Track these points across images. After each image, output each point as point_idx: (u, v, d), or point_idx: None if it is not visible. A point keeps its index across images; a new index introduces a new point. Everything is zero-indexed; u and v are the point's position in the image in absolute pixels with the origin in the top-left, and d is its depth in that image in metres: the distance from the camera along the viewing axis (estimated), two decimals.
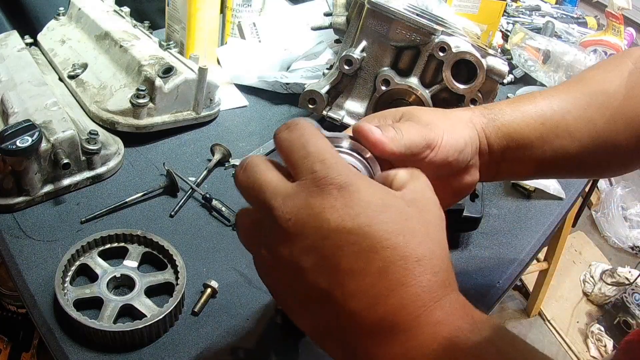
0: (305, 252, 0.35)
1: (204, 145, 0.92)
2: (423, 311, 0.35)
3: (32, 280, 0.66)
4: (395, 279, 0.35)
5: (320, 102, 0.73)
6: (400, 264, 0.35)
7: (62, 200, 0.78)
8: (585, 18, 1.61)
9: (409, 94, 0.72)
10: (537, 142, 0.53)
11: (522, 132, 0.53)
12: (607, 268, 2.33)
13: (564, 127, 0.54)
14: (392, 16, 0.70)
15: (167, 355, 0.61)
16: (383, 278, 0.35)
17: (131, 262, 0.69)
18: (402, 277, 0.35)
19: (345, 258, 0.35)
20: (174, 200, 0.81)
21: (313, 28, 1.04)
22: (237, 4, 1.15)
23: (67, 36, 1.05)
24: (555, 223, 0.90)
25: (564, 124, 0.54)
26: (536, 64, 1.25)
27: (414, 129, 0.47)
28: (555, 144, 0.54)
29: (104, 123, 0.87)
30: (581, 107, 0.55)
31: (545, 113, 0.54)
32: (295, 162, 0.37)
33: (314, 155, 0.37)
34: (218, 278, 0.69)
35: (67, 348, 0.60)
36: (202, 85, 0.91)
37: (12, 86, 0.84)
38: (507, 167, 0.55)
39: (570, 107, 0.55)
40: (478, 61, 0.70)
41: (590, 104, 0.56)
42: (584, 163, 0.57)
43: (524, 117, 0.54)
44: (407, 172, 0.41)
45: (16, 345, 1.33)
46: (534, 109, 0.54)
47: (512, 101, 0.56)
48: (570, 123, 0.54)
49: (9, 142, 0.69)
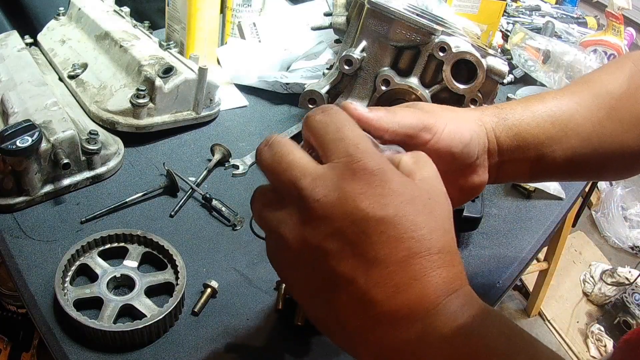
0: (330, 235, 0.35)
1: (204, 145, 0.92)
2: (441, 301, 0.36)
3: (32, 280, 0.66)
4: (417, 269, 0.35)
5: (320, 102, 0.73)
6: (424, 254, 0.35)
7: (62, 200, 0.78)
8: (585, 18, 1.61)
9: (409, 94, 0.72)
10: (547, 141, 0.53)
11: (532, 132, 0.53)
12: (607, 268, 2.32)
13: (573, 127, 0.54)
14: (392, 16, 0.70)
15: (167, 355, 0.61)
16: (406, 268, 0.35)
17: (131, 262, 0.69)
18: (424, 267, 0.35)
19: (371, 246, 0.35)
20: (174, 200, 0.81)
21: (313, 28, 1.04)
22: (237, 4, 1.15)
23: (67, 36, 1.05)
24: (555, 223, 0.90)
25: (573, 125, 0.54)
26: (536, 64, 1.25)
27: (410, 111, 0.48)
28: (564, 144, 0.54)
29: (104, 123, 0.87)
30: (588, 108, 0.55)
31: (554, 113, 0.54)
32: (329, 144, 0.37)
33: (350, 139, 0.37)
34: (218, 278, 0.69)
35: (67, 348, 0.60)
36: (202, 85, 0.91)
37: (12, 86, 0.84)
38: (517, 167, 0.54)
39: (578, 108, 0.55)
40: (478, 61, 0.70)
41: (597, 104, 0.56)
42: (591, 164, 0.57)
43: (535, 116, 0.54)
44: (412, 157, 0.41)
45: (16, 345, 1.33)
46: (544, 108, 0.54)
47: (522, 101, 0.56)
48: (578, 123, 0.54)
49: (9, 142, 0.69)
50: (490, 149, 0.53)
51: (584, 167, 0.57)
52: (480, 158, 0.52)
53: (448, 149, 0.49)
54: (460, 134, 0.49)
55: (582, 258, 2.48)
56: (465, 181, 0.52)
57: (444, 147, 0.48)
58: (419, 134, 0.47)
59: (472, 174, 0.52)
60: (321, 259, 0.36)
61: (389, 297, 0.35)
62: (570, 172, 0.58)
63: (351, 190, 0.35)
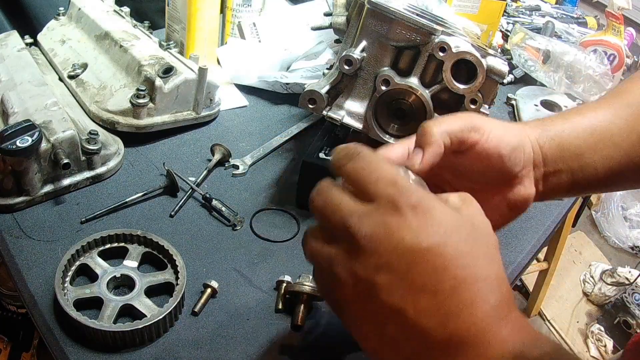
0: (379, 269, 0.37)
1: (204, 145, 0.92)
2: (491, 328, 0.37)
3: (32, 280, 0.66)
4: (465, 297, 0.36)
5: (320, 102, 0.73)
6: (470, 282, 0.37)
7: (62, 200, 0.78)
8: (585, 18, 1.61)
9: (409, 94, 0.72)
10: (588, 152, 0.55)
11: (574, 142, 0.55)
12: (607, 268, 2.32)
13: (609, 137, 0.56)
14: (392, 16, 0.70)
15: (167, 355, 0.61)
16: (454, 296, 0.36)
17: (131, 262, 0.69)
18: (472, 295, 0.37)
19: (418, 276, 0.36)
20: (174, 200, 0.81)
21: (313, 28, 1.04)
22: (237, 4, 1.15)
23: (67, 36, 1.05)
24: (555, 223, 0.90)
25: (609, 134, 0.56)
26: (536, 64, 1.25)
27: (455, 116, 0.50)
28: (604, 154, 0.55)
29: (104, 123, 0.87)
30: (623, 118, 0.57)
31: (593, 124, 0.56)
32: (368, 188, 0.39)
33: (386, 179, 0.39)
34: (218, 278, 0.69)
35: (67, 348, 0.60)
36: (202, 85, 0.91)
37: (12, 86, 0.84)
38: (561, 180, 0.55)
39: (613, 118, 0.57)
40: (478, 61, 0.70)
41: (632, 114, 0.57)
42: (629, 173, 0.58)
43: (575, 127, 0.55)
44: (459, 196, 0.42)
45: (16, 345, 1.33)
46: (583, 120, 0.56)
47: (561, 115, 0.58)
48: (615, 133, 0.56)
49: (9, 142, 0.69)
50: (536, 160, 0.54)
51: (623, 177, 0.58)
52: (526, 168, 0.53)
53: (497, 150, 0.50)
54: (508, 137, 0.51)
55: (582, 258, 2.48)
56: (512, 194, 0.53)
57: (492, 147, 0.50)
58: (469, 135, 0.49)
59: (519, 185, 0.53)
60: (372, 292, 0.37)
61: (439, 325, 0.36)
62: (610, 182, 0.59)
63: (395, 224, 0.37)
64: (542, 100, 1.19)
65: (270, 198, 0.85)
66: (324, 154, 0.81)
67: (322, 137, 0.85)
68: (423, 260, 0.36)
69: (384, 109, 0.73)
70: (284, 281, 0.70)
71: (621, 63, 1.33)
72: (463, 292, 0.36)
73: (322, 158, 0.81)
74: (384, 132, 0.74)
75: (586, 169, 0.55)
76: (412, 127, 0.73)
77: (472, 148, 0.49)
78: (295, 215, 0.82)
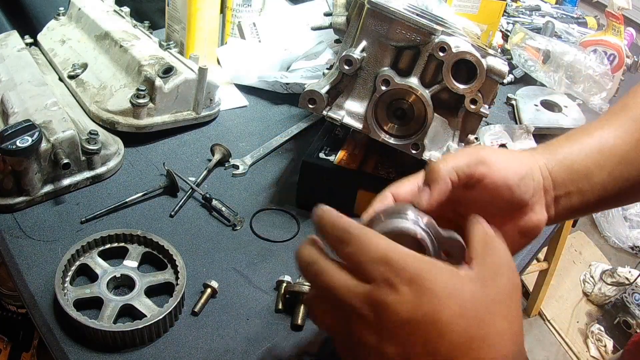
0: (386, 341, 0.39)
1: (204, 145, 0.92)
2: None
3: (32, 280, 0.66)
4: None
5: (320, 102, 0.73)
6: (465, 345, 0.38)
7: (62, 200, 0.78)
8: (585, 18, 1.61)
9: (409, 94, 0.72)
10: (597, 171, 0.55)
11: (582, 163, 0.55)
12: (607, 268, 2.32)
13: (617, 152, 0.56)
14: (392, 16, 0.70)
15: (167, 355, 0.61)
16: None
17: (131, 262, 0.69)
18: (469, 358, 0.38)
19: (418, 345, 0.38)
20: (174, 200, 0.81)
21: (313, 28, 1.04)
22: (237, 4, 1.15)
23: (67, 36, 1.05)
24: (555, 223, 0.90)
25: (617, 150, 0.56)
26: (536, 64, 1.25)
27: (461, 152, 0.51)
28: (613, 171, 0.55)
29: (104, 123, 0.87)
30: (630, 132, 0.57)
31: (601, 142, 0.56)
32: (364, 270, 0.40)
33: (378, 259, 0.40)
34: (218, 278, 0.69)
35: (67, 348, 0.60)
36: (202, 85, 0.91)
37: (12, 86, 0.84)
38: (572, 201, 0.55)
39: (620, 133, 0.57)
40: (478, 61, 0.70)
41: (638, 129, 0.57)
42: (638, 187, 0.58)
43: (583, 147, 0.55)
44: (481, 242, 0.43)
45: (16, 345, 1.33)
46: (590, 139, 0.56)
47: (567, 136, 0.58)
48: (623, 149, 0.56)
49: (9, 142, 0.69)
50: (546, 185, 0.54)
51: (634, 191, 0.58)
52: (537, 195, 0.53)
53: (504, 181, 0.50)
54: (515, 166, 0.51)
55: (582, 258, 2.48)
56: (524, 221, 0.53)
57: (500, 178, 0.50)
58: (476, 169, 0.49)
59: (530, 212, 0.53)
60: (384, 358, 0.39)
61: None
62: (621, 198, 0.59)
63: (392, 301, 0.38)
64: (542, 100, 1.19)
65: (270, 198, 0.85)
66: (324, 154, 0.81)
67: (322, 137, 0.85)
68: (420, 330, 0.38)
69: (384, 109, 0.73)
70: (284, 281, 0.70)
71: (621, 63, 1.33)
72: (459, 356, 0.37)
73: (322, 158, 0.81)
74: (384, 132, 0.74)
75: (596, 188, 0.55)
76: (412, 127, 0.73)
77: (481, 181, 0.50)
78: (295, 215, 0.82)
